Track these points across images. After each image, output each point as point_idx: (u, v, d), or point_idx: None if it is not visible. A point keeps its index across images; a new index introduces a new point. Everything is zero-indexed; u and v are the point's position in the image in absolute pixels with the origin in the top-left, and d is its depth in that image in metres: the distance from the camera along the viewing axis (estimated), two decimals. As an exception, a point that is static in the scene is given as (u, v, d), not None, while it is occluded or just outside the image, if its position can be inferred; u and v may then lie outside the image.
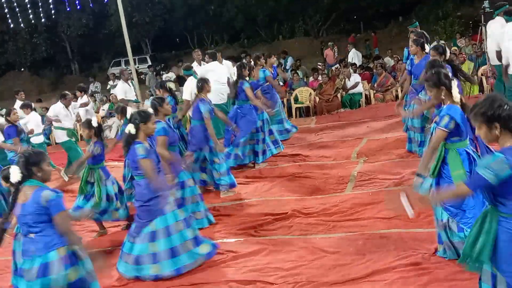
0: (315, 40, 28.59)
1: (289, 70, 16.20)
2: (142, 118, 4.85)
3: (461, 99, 4.25)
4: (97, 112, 13.89)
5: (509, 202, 2.82)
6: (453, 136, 4.13)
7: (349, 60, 15.34)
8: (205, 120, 6.87)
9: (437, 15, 25.39)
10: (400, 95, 12.06)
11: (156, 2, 29.84)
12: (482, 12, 10.33)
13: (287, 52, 18.83)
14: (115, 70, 26.98)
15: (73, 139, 9.56)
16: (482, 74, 11.76)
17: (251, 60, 10.33)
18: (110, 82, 17.22)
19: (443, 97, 4.25)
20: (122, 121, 7.47)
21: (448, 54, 6.66)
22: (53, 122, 9.82)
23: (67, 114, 9.67)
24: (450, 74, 4.42)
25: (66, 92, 10.20)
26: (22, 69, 34.14)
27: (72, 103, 10.48)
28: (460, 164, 4.11)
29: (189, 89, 8.85)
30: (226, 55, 13.20)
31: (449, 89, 4.19)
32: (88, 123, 6.26)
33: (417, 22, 10.17)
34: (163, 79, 17.43)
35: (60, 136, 9.62)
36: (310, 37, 29.27)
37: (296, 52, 23.43)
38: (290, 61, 17.87)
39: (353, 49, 16.02)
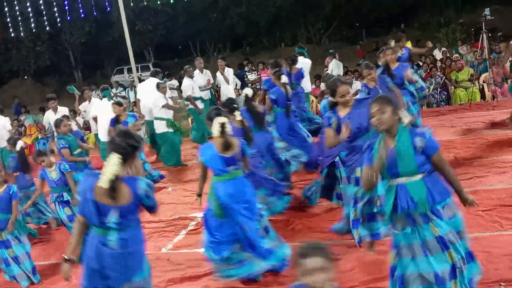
0: (317, 47, 28.66)
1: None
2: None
3: None
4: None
5: None
6: None
7: (329, 71, 13.72)
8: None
9: (438, 22, 25.45)
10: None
11: (158, 10, 29.98)
12: (483, 19, 10.38)
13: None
14: (118, 77, 27.15)
15: (172, 130, 9.45)
16: (484, 81, 11.77)
17: (253, 68, 10.35)
18: (114, 90, 17.25)
19: None
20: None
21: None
22: (153, 113, 9.63)
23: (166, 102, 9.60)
24: None
25: (160, 81, 9.96)
26: (26, 77, 34.35)
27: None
28: None
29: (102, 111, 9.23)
30: (228, 62, 13.27)
31: None
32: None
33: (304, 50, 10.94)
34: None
35: (159, 127, 9.50)
36: (312, 44, 29.35)
37: (298, 60, 23.41)
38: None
39: (334, 60, 14.43)
